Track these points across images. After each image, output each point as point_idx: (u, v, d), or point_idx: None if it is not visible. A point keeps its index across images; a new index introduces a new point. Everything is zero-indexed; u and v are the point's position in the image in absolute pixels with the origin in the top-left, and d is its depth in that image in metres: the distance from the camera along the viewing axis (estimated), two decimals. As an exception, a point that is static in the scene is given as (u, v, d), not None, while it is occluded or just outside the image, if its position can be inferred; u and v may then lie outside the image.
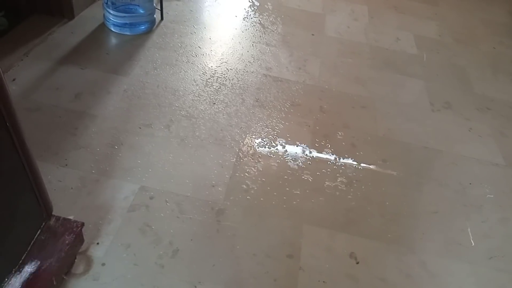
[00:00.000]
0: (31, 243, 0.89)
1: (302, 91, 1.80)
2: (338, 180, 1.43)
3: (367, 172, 1.48)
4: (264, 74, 1.86)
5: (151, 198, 1.26)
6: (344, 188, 1.41)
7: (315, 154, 1.51)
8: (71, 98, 1.56)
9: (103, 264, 1.07)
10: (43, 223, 0.92)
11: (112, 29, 1.96)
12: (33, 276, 0.88)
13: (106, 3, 1.91)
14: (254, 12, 2.33)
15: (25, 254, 0.88)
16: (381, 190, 1.43)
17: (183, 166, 1.38)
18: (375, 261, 1.21)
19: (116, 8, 1.90)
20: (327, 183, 1.41)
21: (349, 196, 1.39)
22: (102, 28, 1.97)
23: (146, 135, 1.46)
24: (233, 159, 1.44)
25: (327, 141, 1.57)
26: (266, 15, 2.32)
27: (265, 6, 2.40)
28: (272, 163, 1.45)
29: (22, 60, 1.71)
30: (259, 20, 2.26)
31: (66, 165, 1.30)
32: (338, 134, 1.62)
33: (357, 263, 1.19)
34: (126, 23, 1.94)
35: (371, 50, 2.18)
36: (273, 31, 2.18)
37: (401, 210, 1.38)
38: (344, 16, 2.46)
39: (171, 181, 1.32)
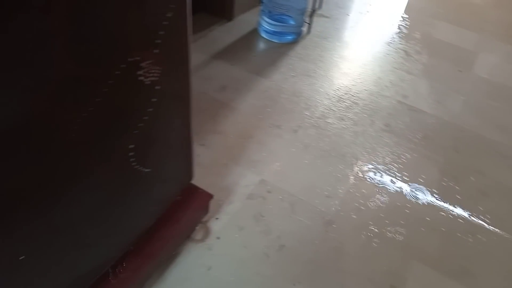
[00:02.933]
0: (170, 202, 1.04)
1: (437, 125, 1.71)
2: (460, 226, 1.33)
3: (495, 226, 1.34)
4: (399, 100, 1.82)
5: (268, 192, 1.34)
6: (465, 236, 1.30)
7: (439, 193, 1.43)
8: (217, 88, 1.74)
9: (218, 238, 1.18)
10: (183, 187, 1.06)
11: (263, 35, 2.13)
12: (166, 231, 1.01)
13: (263, 11, 2.09)
14: (400, 38, 2.29)
15: (163, 211, 1.02)
16: (508, 249, 1.28)
17: (302, 171, 1.43)
18: (487, 322, 1.10)
19: (271, 17, 2.07)
20: (447, 226, 1.33)
21: (469, 245, 1.28)
22: (254, 32, 2.16)
23: (274, 135, 1.56)
24: (351, 176, 1.44)
25: (456, 183, 1.47)
26: (413, 43, 2.26)
27: (413, 34, 2.34)
28: (391, 191, 1.41)
29: (184, 49, 1.97)
30: (404, 47, 2.22)
31: (204, 144, 1.47)
32: (470, 178, 1.50)
33: (467, 317, 1.10)
34: (276, 31, 2.09)
35: (526, 98, 1.97)
36: (417, 61, 2.12)
37: (531, 278, 1.22)
38: (499, 57, 2.26)
39: (289, 182, 1.38)
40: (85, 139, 0.64)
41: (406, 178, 1.46)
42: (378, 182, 1.44)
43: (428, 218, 1.34)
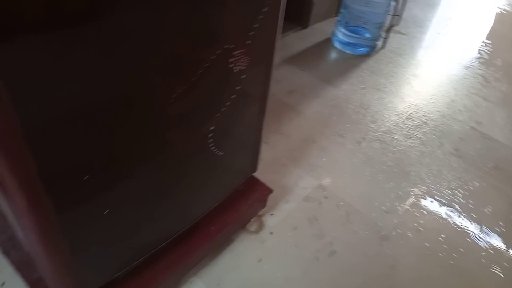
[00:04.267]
0: (233, 189, 1.08)
1: (510, 156, 1.62)
2: (526, 265, 1.24)
3: None
4: (472, 126, 1.74)
5: (325, 197, 1.35)
6: (531, 277, 1.22)
7: (505, 226, 1.35)
8: (286, 91, 1.78)
9: (271, 233, 1.20)
10: (246, 178, 1.10)
11: (336, 45, 2.14)
12: (225, 216, 1.05)
13: (340, 21, 2.10)
14: (479, 64, 2.19)
15: (226, 196, 1.06)
16: None
17: (361, 182, 1.42)
18: None
19: (347, 28, 2.08)
20: (511, 262, 1.25)
21: (535, 288, 1.19)
22: (327, 42, 2.18)
23: (337, 143, 1.56)
24: (412, 195, 1.40)
25: (526, 219, 1.38)
26: (493, 70, 2.15)
27: (494, 61, 2.23)
28: (453, 217, 1.35)
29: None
30: (483, 73, 2.12)
31: (267, 143, 1.51)
32: (543, 217, 1.40)
33: None
34: (349, 43, 2.09)
35: None
36: (495, 88, 2.02)
37: None
38: None
39: (347, 191, 1.38)
40: (176, 114, 0.70)
41: (470, 206, 1.40)
42: (441, 205, 1.38)
43: (491, 251, 1.27)
